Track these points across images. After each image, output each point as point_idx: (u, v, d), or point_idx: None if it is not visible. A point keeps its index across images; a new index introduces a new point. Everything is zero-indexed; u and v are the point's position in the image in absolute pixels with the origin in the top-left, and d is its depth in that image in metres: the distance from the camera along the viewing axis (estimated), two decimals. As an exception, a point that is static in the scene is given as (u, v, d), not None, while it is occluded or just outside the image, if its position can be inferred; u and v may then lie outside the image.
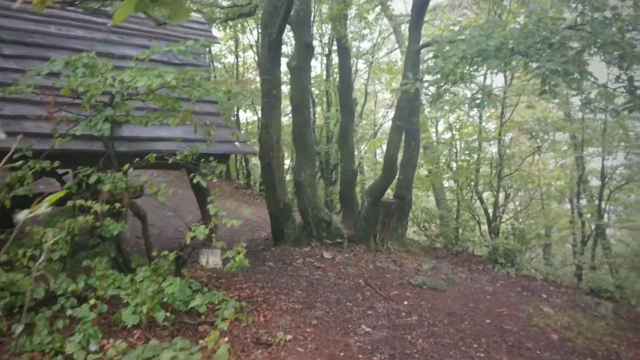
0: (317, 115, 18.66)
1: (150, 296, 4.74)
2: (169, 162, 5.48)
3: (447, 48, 6.98)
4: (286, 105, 14.47)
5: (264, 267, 7.99)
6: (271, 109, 8.49)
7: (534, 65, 5.51)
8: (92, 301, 4.66)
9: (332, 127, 17.27)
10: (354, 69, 16.87)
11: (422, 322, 6.43)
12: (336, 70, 18.15)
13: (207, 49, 13.31)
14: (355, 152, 19.31)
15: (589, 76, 5.48)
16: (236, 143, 7.47)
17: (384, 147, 17.23)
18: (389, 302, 7.11)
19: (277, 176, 8.63)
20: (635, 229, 17.97)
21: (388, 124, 17.79)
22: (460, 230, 12.92)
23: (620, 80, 5.79)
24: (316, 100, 18.10)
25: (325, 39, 17.79)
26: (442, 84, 6.50)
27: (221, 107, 6.64)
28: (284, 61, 10.63)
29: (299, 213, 9.52)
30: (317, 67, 25.43)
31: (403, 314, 6.68)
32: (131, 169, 5.55)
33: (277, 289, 7.01)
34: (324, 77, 18.22)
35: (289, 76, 9.80)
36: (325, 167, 17.96)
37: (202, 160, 6.20)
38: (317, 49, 18.35)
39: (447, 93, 6.52)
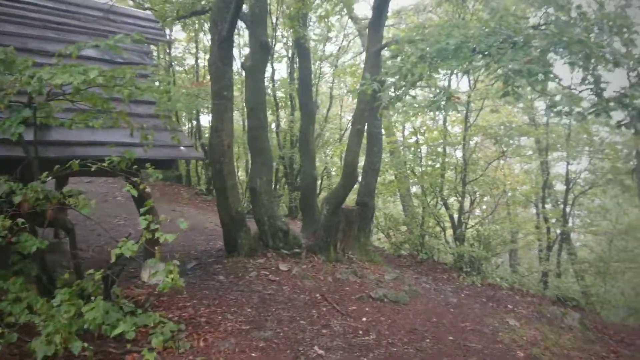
0: (281, 119, 18.19)
1: (66, 323, 4.16)
2: (92, 169, 4.86)
3: (407, 48, 6.59)
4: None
5: (213, 281, 7.43)
6: (222, 111, 7.95)
7: (496, 65, 5.12)
8: (-2, 330, 4.06)
9: (296, 131, 16.77)
10: (318, 71, 16.46)
11: (380, 342, 5.97)
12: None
13: (156, 47, 12.56)
14: (323, 157, 18.92)
15: (554, 77, 5.12)
16: (181, 147, 6.91)
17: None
18: (346, 318, 6.63)
19: (229, 183, 8.09)
20: (599, 234, 18.00)
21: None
22: (426, 238, 12.58)
23: (586, 82, 5.45)
24: (280, 103, 17.60)
25: (290, 41, 17.31)
26: (401, 85, 6.07)
27: (159, 108, 6.06)
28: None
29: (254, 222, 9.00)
30: (282, 69, 25.02)
31: (360, 332, 6.21)
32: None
33: (224, 306, 6.46)
34: (288, 80, 17.72)
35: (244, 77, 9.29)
36: (289, 172, 17.47)
37: (135, 166, 5.61)
38: (281, 51, 17.89)
39: (407, 96, 6.06)
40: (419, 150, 13.03)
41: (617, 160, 14.81)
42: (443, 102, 5.85)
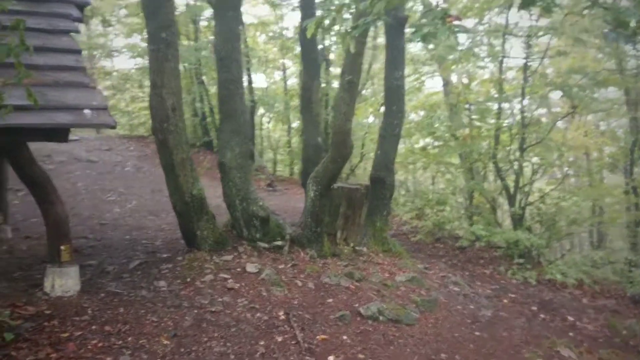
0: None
1: None
2: None
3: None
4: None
5: (147, 290, 5.55)
6: (162, 60, 5.93)
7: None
8: None
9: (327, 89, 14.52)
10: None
11: (337, 407, 3.88)
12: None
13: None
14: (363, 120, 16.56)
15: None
16: (85, 111, 4.96)
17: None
18: (304, 357, 4.57)
19: (177, 157, 6.11)
20: None
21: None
22: (474, 218, 10.19)
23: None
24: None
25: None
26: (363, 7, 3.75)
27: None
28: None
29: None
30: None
31: (314, 386, 4.15)
32: None
33: (133, 335, 4.57)
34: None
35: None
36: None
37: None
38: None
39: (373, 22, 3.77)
40: (466, 106, 10.45)
41: None
42: (433, 27, 3.51)
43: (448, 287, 7.03)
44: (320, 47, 8.65)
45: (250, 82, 16.35)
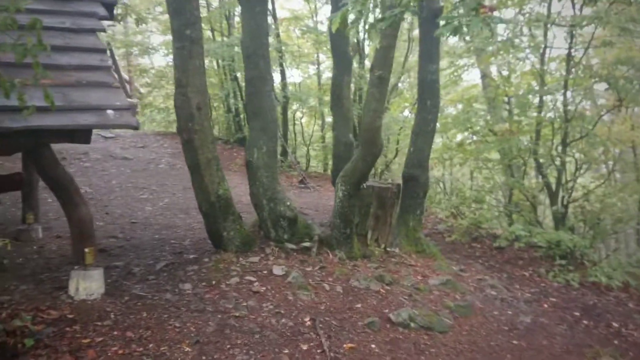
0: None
1: None
2: None
3: None
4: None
5: (172, 293, 5.45)
6: (186, 58, 5.81)
7: None
8: None
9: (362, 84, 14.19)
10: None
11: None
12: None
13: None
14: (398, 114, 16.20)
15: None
16: (108, 111, 4.87)
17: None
18: (329, 368, 4.37)
19: (203, 157, 6.00)
20: None
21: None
22: (514, 216, 9.79)
23: None
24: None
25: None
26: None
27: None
28: None
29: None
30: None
31: (338, 401, 3.95)
32: None
33: (155, 341, 4.46)
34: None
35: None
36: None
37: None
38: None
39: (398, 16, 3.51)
40: (505, 100, 10.02)
41: None
42: (465, 19, 3.24)
43: (484, 290, 6.71)
44: (353, 40, 8.36)
45: (283, 77, 16.17)
